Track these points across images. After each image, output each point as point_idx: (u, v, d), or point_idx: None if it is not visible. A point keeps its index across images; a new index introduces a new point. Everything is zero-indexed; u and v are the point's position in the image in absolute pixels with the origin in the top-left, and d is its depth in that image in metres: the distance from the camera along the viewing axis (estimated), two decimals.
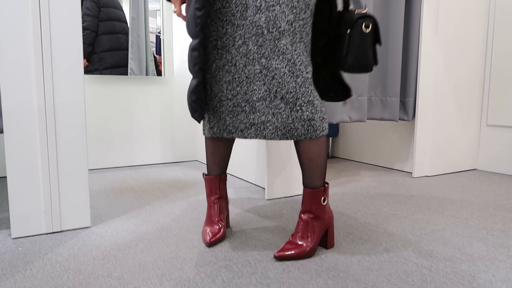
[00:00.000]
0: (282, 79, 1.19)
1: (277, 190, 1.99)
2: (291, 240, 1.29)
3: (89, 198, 1.56)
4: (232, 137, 1.31)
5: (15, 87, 1.38)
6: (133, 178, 2.48)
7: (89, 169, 2.75)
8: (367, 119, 2.50)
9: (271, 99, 1.21)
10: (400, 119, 2.53)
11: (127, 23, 2.91)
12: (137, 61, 2.96)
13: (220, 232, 1.39)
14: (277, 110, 1.22)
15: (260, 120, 1.24)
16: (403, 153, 2.73)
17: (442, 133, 2.59)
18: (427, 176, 2.54)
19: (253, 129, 1.26)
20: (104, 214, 1.72)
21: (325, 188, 1.31)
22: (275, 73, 1.19)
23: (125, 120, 2.86)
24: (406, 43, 2.49)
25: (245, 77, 1.22)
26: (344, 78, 1.40)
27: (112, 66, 2.85)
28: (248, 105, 1.24)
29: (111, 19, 2.85)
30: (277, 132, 1.24)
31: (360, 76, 2.31)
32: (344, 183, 2.33)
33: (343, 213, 1.75)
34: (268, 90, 1.21)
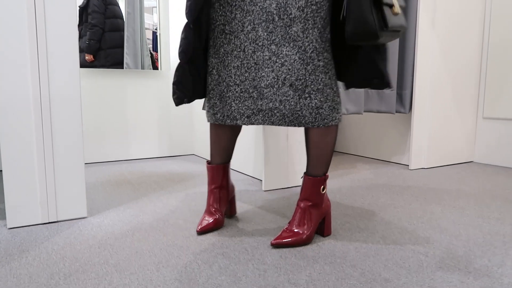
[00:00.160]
0: (292, 66, 1.18)
1: (274, 182, 1.99)
2: (288, 228, 1.29)
3: (86, 190, 1.55)
4: (236, 124, 1.29)
5: (10, 79, 1.37)
6: (130, 171, 2.47)
7: (86, 163, 2.74)
8: (364, 112, 2.50)
9: (279, 86, 1.21)
10: (397, 112, 2.54)
11: (123, 20, 2.91)
12: (133, 56, 2.94)
13: (212, 222, 1.39)
14: (285, 97, 1.21)
15: (268, 107, 1.23)
16: (400, 146, 2.73)
17: (439, 126, 2.59)
18: (424, 168, 2.55)
19: (261, 115, 1.25)
20: (101, 205, 1.71)
21: (326, 177, 1.31)
22: (285, 60, 1.18)
23: (122, 114, 2.85)
24: (403, 36, 2.49)
25: (254, 63, 1.21)
26: (380, 62, 1.24)
27: (118, 63, 2.89)
28: (256, 91, 1.23)
29: (116, 17, 2.88)
30: (285, 119, 1.23)
31: None
32: (341, 175, 2.34)
33: (340, 203, 1.75)
34: (277, 77, 1.20)
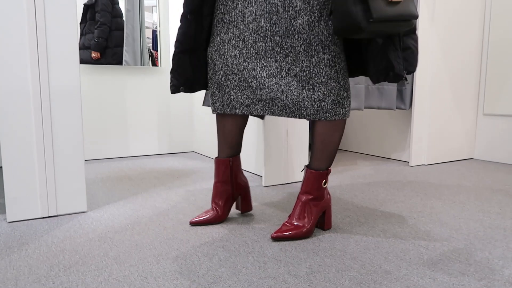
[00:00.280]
0: (297, 57, 1.18)
1: (274, 178, 1.99)
2: (288, 221, 1.29)
3: (86, 186, 1.55)
4: (235, 113, 1.29)
5: (10, 72, 1.37)
6: (130, 168, 2.47)
7: (86, 160, 2.74)
8: (364, 108, 2.50)
9: (282, 76, 1.20)
10: (397, 108, 2.53)
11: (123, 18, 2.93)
12: (132, 53, 2.94)
13: (207, 217, 1.39)
14: (288, 87, 1.20)
15: (269, 97, 1.22)
16: (400, 143, 2.73)
17: (439, 122, 2.59)
18: (424, 165, 2.54)
19: (261, 105, 1.25)
20: (101, 200, 1.71)
21: (328, 172, 1.31)
22: (290, 51, 1.18)
23: (122, 111, 2.85)
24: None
25: (254, 53, 1.21)
26: (392, 53, 1.17)
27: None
28: (255, 81, 1.22)
29: (119, 16, 2.90)
30: (285, 110, 1.23)
31: None
32: (341, 172, 2.33)
33: (340, 198, 1.74)
34: (280, 67, 1.20)
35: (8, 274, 1.02)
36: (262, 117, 1.63)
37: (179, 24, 1.29)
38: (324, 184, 1.31)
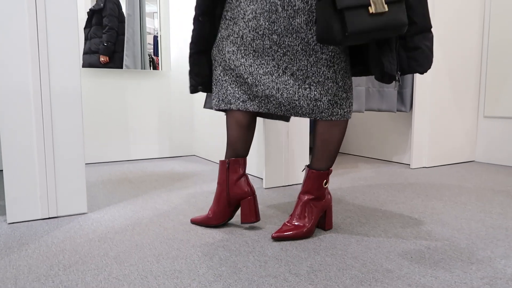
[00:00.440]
0: (295, 56, 1.18)
1: (275, 180, 1.99)
2: (289, 221, 1.28)
3: (86, 188, 1.54)
4: (230, 108, 1.28)
5: (11, 74, 1.37)
6: (131, 171, 2.47)
7: (86, 163, 2.74)
8: (365, 110, 2.50)
9: (279, 75, 1.21)
10: (398, 110, 2.53)
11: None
12: (132, 58, 2.95)
13: (199, 218, 1.39)
14: (284, 86, 1.21)
15: (264, 94, 1.23)
16: (401, 145, 2.72)
17: (440, 125, 2.59)
18: (425, 167, 2.54)
19: (256, 101, 1.25)
20: (101, 202, 1.71)
21: (329, 172, 1.30)
22: (287, 50, 1.19)
23: (122, 114, 2.85)
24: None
25: (252, 51, 1.22)
26: (386, 54, 1.15)
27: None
28: (251, 77, 1.23)
29: (123, 21, 2.93)
30: (281, 107, 1.23)
31: None
32: (342, 174, 2.33)
33: (341, 200, 1.74)
34: (277, 66, 1.20)
35: (8, 274, 1.01)
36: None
37: (192, 27, 1.32)
38: (325, 184, 1.30)
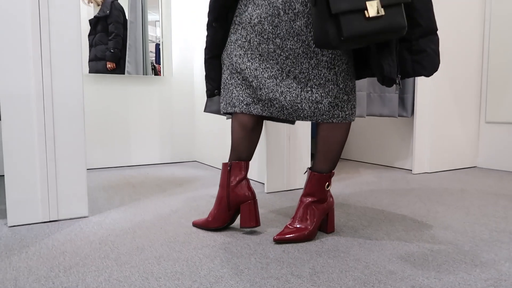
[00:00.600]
0: (296, 59, 1.19)
1: (276, 184, 1.98)
2: (291, 224, 1.27)
3: (87, 192, 1.54)
4: (235, 111, 1.28)
5: (13, 77, 1.38)
6: (132, 176, 2.46)
7: (88, 169, 2.74)
8: (367, 115, 2.50)
9: (283, 78, 1.21)
10: (399, 116, 2.53)
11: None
12: (134, 64, 2.97)
13: (200, 220, 1.39)
14: (287, 89, 1.21)
15: (268, 97, 1.23)
16: (403, 151, 2.72)
17: (441, 130, 2.58)
18: (427, 173, 2.53)
19: (260, 105, 1.25)
20: (102, 206, 1.70)
21: (331, 174, 1.30)
22: (289, 53, 1.19)
23: (124, 120, 2.86)
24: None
25: (258, 55, 1.23)
26: (385, 57, 1.16)
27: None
28: (256, 81, 1.23)
29: (127, 28, 2.96)
30: (283, 111, 1.24)
31: None
32: (344, 179, 2.32)
33: (343, 204, 1.73)
34: (281, 69, 1.21)
35: (8, 275, 1.01)
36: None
37: (207, 32, 1.34)
38: (327, 187, 1.30)
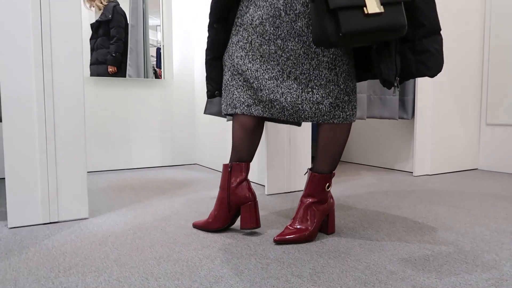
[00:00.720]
0: (297, 60, 1.20)
1: (277, 186, 1.98)
2: (291, 224, 1.27)
3: (88, 194, 1.54)
4: (235, 112, 1.28)
5: (14, 78, 1.38)
6: (132, 178, 2.46)
7: (89, 172, 2.74)
8: (367, 118, 2.50)
9: (284, 79, 1.22)
10: (400, 118, 2.53)
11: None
12: (135, 68, 2.98)
13: (200, 222, 1.39)
14: (288, 90, 1.21)
15: (268, 98, 1.23)
16: (403, 153, 2.71)
17: (442, 132, 2.58)
18: (428, 175, 2.52)
19: (261, 106, 1.25)
20: (102, 208, 1.70)
21: (332, 175, 1.30)
22: (290, 54, 1.20)
23: (125, 123, 2.86)
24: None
25: (259, 56, 1.23)
26: (385, 59, 1.16)
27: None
28: (257, 82, 1.23)
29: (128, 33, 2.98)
30: (284, 112, 1.24)
31: None
32: (345, 181, 2.32)
33: (344, 205, 1.73)
34: (282, 70, 1.21)
35: (8, 275, 1.00)
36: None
37: (207, 34, 1.35)
38: (328, 188, 1.30)
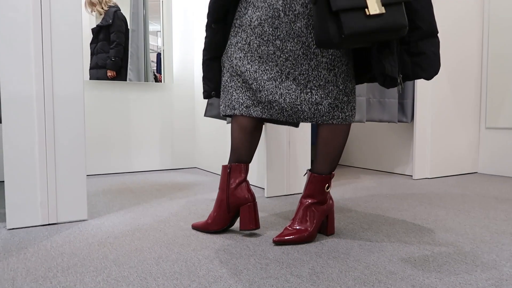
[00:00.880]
0: (296, 61, 1.20)
1: (276, 189, 1.97)
2: (291, 225, 1.27)
3: (87, 196, 1.54)
4: (234, 113, 1.28)
5: (14, 81, 1.39)
6: (132, 181, 2.46)
7: (88, 175, 2.73)
8: (366, 121, 2.50)
9: (282, 80, 1.22)
10: (399, 121, 2.53)
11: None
12: (136, 72, 2.99)
13: (199, 223, 1.39)
14: (287, 91, 1.21)
15: (267, 99, 1.23)
16: (403, 157, 2.71)
17: (442, 136, 2.58)
18: (428, 178, 2.52)
19: (260, 107, 1.25)
20: (102, 210, 1.70)
21: (331, 176, 1.30)
22: (289, 55, 1.20)
23: (125, 126, 2.86)
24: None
25: (258, 57, 1.23)
26: (387, 58, 1.16)
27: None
28: (256, 83, 1.24)
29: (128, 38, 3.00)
30: (283, 113, 1.24)
31: None
32: (344, 184, 2.31)
33: (343, 208, 1.72)
34: (280, 71, 1.22)
35: (6, 275, 1.00)
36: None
37: (205, 34, 1.35)
38: (327, 189, 1.29)
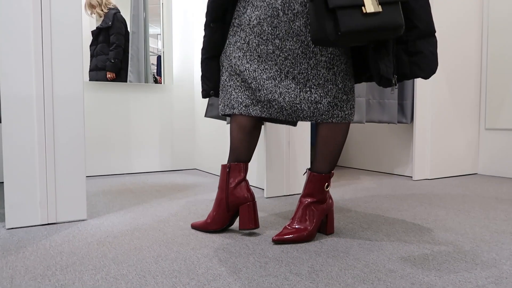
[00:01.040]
0: (295, 60, 1.20)
1: (276, 189, 1.97)
2: (290, 224, 1.26)
3: (86, 197, 1.54)
4: (233, 113, 1.28)
5: (14, 81, 1.39)
6: (131, 182, 2.46)
7: (87, 176, 2.73)
8: (366, 122, 2.50)
9: (281, 79, 1.22)
10: (399, 122, 2.53)
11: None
12: (136, 74, 2.99)
13: (198, 222, 1.40)
14: (286, 90, 1.22)
15: (266, 98, 1.23)
16: (403, 158, 2.71)
17: (441, 137, 2.58)
18: (428, 179, 2.52)
19: (259, 106, 1.25)
20: (101, 210, 1.70)
21: (331, 175, 1.30)
22: (288, 54, 1.20)
23: (124, 127, 2.87)
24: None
25: (257, 56, 1.23)
26: (383, 58, 1.16)
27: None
28: (255, 82, 1.24)
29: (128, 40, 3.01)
30: (283, 112, 1.24)
31: None
32: (344, 185, 2.31)
33: (343, 208, 1.72)
34: (280, 70, 1.22)
35: (4, 274, 1.00)
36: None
37: (204, 33, 1.35)
38: (327, 188, 1.29)
